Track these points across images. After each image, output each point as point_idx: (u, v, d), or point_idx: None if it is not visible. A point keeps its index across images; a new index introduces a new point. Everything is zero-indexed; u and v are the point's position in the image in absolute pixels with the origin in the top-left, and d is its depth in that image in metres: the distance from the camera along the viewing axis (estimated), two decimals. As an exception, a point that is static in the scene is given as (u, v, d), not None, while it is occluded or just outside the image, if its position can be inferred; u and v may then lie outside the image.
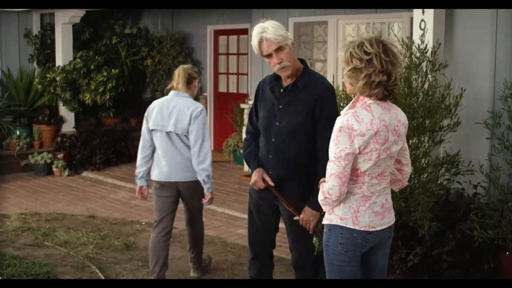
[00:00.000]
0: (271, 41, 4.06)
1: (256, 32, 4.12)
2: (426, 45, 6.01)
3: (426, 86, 5.86)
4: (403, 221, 5.65)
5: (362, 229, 3.47)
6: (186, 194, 5.54)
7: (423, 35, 6.18)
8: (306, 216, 4.18)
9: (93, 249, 6.63)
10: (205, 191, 5.38)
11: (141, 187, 5.76)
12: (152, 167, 5.63)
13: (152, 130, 5.46)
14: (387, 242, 3.66)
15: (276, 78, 4.33)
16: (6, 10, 11.49)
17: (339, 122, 3.35)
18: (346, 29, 9.49)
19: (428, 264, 5.44)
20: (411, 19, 7.03)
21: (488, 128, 5.69)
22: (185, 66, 5.64)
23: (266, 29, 4.08)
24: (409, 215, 5.58)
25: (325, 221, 3.59)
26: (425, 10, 6.29)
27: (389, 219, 3.60)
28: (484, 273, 5.34)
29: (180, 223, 7.65)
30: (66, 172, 10.79)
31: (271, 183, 4.26)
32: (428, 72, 5.93)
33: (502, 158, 5.57)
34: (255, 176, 4.34)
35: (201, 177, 5.31)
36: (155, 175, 5.55)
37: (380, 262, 3.69)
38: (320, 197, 3.52)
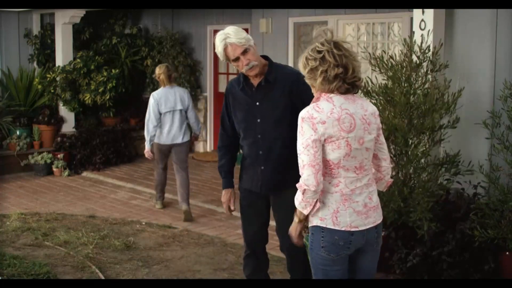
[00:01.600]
0: (236, 45, 4.22)
1: (219, 39, 4.26)
2: (429, 46, 6.01)
3: (426, 85, 5.86)
4: (402, 221, 5.66)
5: (343, 229, 3.41)
6: (177, 150, 8.07)
7: (423, 35, 6.18)
8: None
9: (93, 249, 6.62)
10: (197, 134, 8.42)
11: (150, 150, 8.03)
12: (159, 135, 7.98)
13: (163, 112, 7.94)
14: (375, 244, 3.59)
15: (244, 78, 4.45)
16: (6, 10, 11.49)
17: (301, 114, 3.41)
18: (346, 29, 9.49)
19: (428, 264, 5.44)
20: (411, 19, 7.03)
21: (488, 128, 5.69)
22: (162, 68, 8.25)
23: (228, 35, 4.24)
24: (408, 215, 5.58)
25: (309, 224, 3.55)
26: (425, 10, 6.29)
27: (374, 219, 3.52)
28: (484, 273, 5.34)
29: (180, 223, 7.66)
30: (66, 172, 10.79)
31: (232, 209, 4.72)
32: (428, 72, 5.93)
33: (502, 158, 5.57)
34: (224, 197, 4.74)
35: (197, 131, 8.35)
36: (163, 140, 7.99)
37: (367, 265, 3.63)
38: (299, 198, 3.43)
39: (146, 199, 9.04)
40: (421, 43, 6.03)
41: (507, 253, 5.29)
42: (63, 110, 11.59)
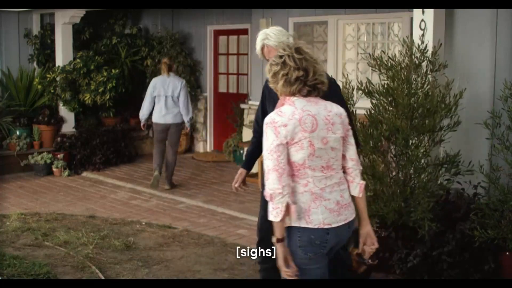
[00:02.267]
0: (271, 48, 4.45)
1: (260, 38, 4.54)
2: (426, 45, 6.01)
3: (426, 86, 5.86)
4: (403, 221, 5.65)
5: (316, 227, 3.49)
6: (172, 131, 9.42)
7: (423, 35, 6.18)
8: None
9: (93, 249, 6.62)
10: (186, 125, 9.52)
11: (144, 124, 9.73)
12: (153, 115, 9.42)
13: (156, 95, 9.37)
14: (346, 239, 3.71)
15: None
16: (6, 10, 11.48)
17: (265, 120, 3.53)
18: (346, 29, 9.49)
19: (428, 265, 5.44)
20: (411, 19, 7.02)
21: (488, 128, 5.68)
22: (164, 59, 9.77)
23: (268, 36, 4.49)
24: (409, 215, 5.57)
25: (284, 226, 3.57)
26: (425, 10, 6.29)
27: (346, 216, 3.60)
28: (484, 273, 5.33)
29: (180, 223, 7.67)
30: (66, 172, 10.79)
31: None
32: (428, 72, 5.92)
33: (502, 158, 5.56)
34: (237, 175, 5.03)
35: (186, 120, 9.41)
36: (156, 119, 9.41)
37: (341, 254, 3.79)
38: (270, 207, 3.47)
39: (146, 199, 9.04)
40: (421, 43, 6.02)
41: (507, 253, 5.29)
42: (63, 110, 11.59)
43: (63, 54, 11.44)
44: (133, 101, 12.53)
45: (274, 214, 3.46)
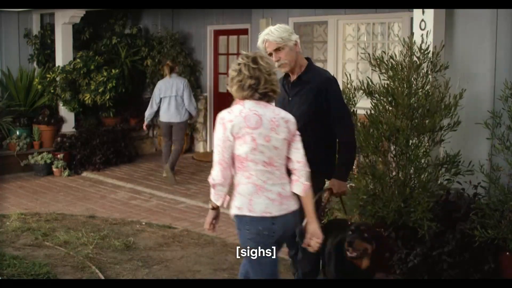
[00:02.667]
0: (271, 42, 4.68)
1: (263, 33, 4.76)
2: (429, 46, 6.00)
3: (426, 87, 5.85)
4: (403, 221, 5.65)
5: (259, 215, 3.83)
6: (175, 128, 9.99)
7: (423, 35, 6.18)
8: (335, 187, 4.70)
9: (93, 249, 6.62)
10: (194, 116, 10.31)
11: (147, 124, 10.35)
12: (160, 114, 10.03)
13: (162, 97, 9.94)
14: (294, 228, 4.05)
15: (286, 75, 4.89)
16: (6, 10, 11.48)
17: (217, 117, 3.95)
18: (346, 29, 9.49)
19: (428, 265, 5.44)
20: (411, 19, 7.03)
21: (488, 128, 5.69)
22: (165, 62, 10.52)
23: (270, 32, 4.70)
24: (409, 215, 5.58)
25: (231, 214, 3.97)
26: (425, 10, 6.29)
27: (288, 206, 3.93)
28: (484, 273, 5.34)
29: (181, 223, 7.66)
30: (66, 172, 10.78)
31: None
32: (428, 73, 5.92)
33: (502, 158, 5.57)
34: None
35: (193, 112, 10.13)
36: (162, 118, 10.02)
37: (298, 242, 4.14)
38: (212, 191, 3.97)
39: (146, 199, 9.04)
40: (421, 43, 6.03)
41: (507, 253, 5.29)
42: (63, 110, 11.58)
43: (63, 54, 11.43)
44: (133, 101, 12.55)
45: (215, 198, 4.00)
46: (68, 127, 11.62)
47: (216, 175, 3.92)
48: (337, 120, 4.66)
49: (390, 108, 5.86)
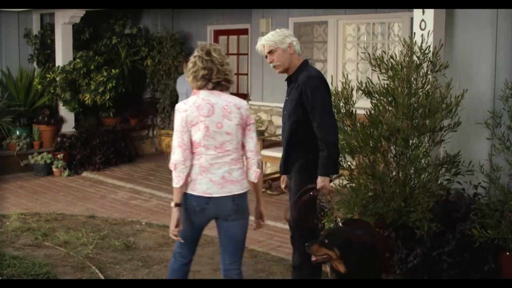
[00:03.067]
0: (264, 46, 5.00)
1: (260, 38, 5.08)
2: (429, 46, 6.00)
3: (426, 87, 5.85)
4: (403, 221, 5.65)
5: (199, 194, 4.21)
6: None
7: (423, 35, 6.17)
8: (318, 183, 4.78)
9: (93, 249, 6.62)
10: None
11: None
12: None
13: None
14: (234, 214, 4.29)
15: (289, 76, 5.14)
16: (6, 10, 11.48)
17: (175, 107, 4.33)
18: (346, 29, 9.49)
19: (428, 265, 5.44)
20: (411, 19, 7.03)
21: (488, 128, 5.68)
22: (186, 60, 9.55)
23: (266, 36, 5.02)
24: (409, 215, 5.57)
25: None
26: (426, 10, 6.29)
27: (230, 189, 4.24)
28: (484, 274, 5.33)
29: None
30: (66, 172, 10.79)
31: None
32: (428, 72, 5.92)
33: (503, 158, 5.56)
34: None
35: None
36: None
37: (230, 232, 4.36)
38: (173, 175, 4.22)
39: (146, 199, 9.04)
40: (421, 43, 6.02)
41: (507, 253, 5.28)
42: (63, 110, 11.59)
43: (63, 54, 11.44)
44: (133, 101, 12.55)
45: (176, 181, 4.21)
46: (68, 127, 11.63)
47: (177, 156, 4.21)
48: (313, 117, 4.80)
49: (390, 108, 5.86)
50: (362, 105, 6.41)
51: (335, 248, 4.20)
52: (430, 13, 6.27)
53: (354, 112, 6.14)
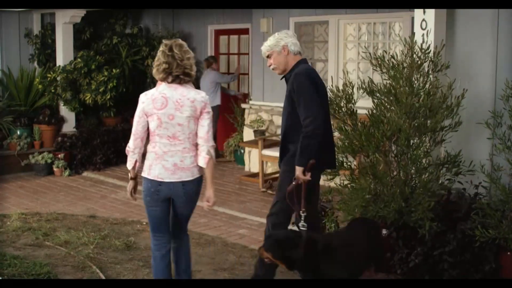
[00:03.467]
0: (263, 52, 5.31)
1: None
2: (429, 45, 6.00)
3: (427, 86, 5.85)
4: (404, 221, 5.65)
5: (152, 178, 4.71)
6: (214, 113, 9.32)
7: (424, 34, 6.17)
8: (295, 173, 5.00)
9: (94, 249, 6.62)
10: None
11: None
12: None
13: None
14: (183, 197, 4.75)
15: None
16: (7, 10, 11.48)
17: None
18: (347, 29, 9.48)
19: (429, 264, 5.44)
20: (412, 19, 7.03)
21: (489, 128, 5.68)
22: (206, 58, 11.27)
23: (265, 42, 5.31)
24: (410, 215, 5.57)
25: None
26: (426, 10, 6.29)
27: (180, 176, 4.70)
28: (485, 273, 5.33)
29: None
30: (67, 172, 10.79)
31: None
32: (430, 72, 5.92)
33: (504, 158, 5.56)
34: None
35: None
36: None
37: (179, 210, 4.85)
38: (127, 159, 4.81)
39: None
40: (422, 43, 6.01)
41: (508, 253, 5.28)
42: (64, 110, 11.59)
43: (63, 54, 11.44)
44: (134, 101, 12.48)
45: (128, 164, 4.81)
46: (69, 127, 11.63)
47: (130, 143, 4.79)
48: (298, 111, 4.99)
49: (392, 108, 5.85)
50: (363, 104, 6.41)
51: (269, 250, 4.57)
52: (431, 12, 6.27)
53: (355, 111, 6.14)
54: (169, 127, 4.67)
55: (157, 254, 4.89)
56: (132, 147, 4.78)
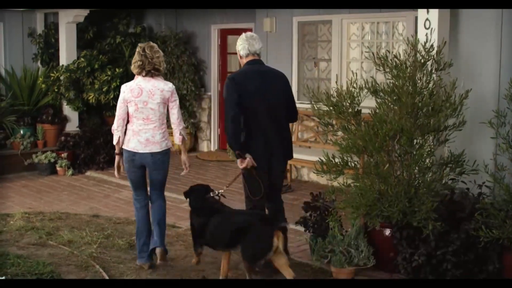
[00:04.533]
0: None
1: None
2: (432, 44, 5.99)
3: (430, 85, 5.84)
4: (407, 221, 5.64)
5: (129, 149, 6.05)
6: None
7: (428, 34, 6.16)
8: None
9: (97, 249, 6.62)
10: None
11: None
12: None
13: None
14: (152, 165, 6.06)
15: None
16: (10, 9, 11.48)
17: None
18: (351, 28, 9.47)
19: (433, 264, 5.43)
20: (416, 18, 7.02)
21: (493, 127, 5.67)
22: None
23: None
24: (413, 215, 5.56)
25: None
26: (430, 9, 6.27)
27: (150, 148, 6.00)
28: (488, 273, 5.32)
29: (184, 222, 7.65)
30: (70, 172, 10.79)
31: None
32: (433, 71, 5.91)
33: (507, 157, 5.55)
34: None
35: None
36: None
37: (152, 175, 6.15)
38: (114, 134, 6.16)
39: (150, 198, 9.03)
40: (426, 42, 6.01)
41: (512, 253, 5.27)
42: (67, 109, 11.59)
43: (67, 53, 11.45)
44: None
45: (114, 140, 6.17)
46: (72, 126, 11.63)
47: (114, 124, 6.14)
48: None
49: (395, 107, 5.84)
50: (366, 104, 6.40)
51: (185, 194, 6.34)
52: (434, 12, 6.26)
53: (359, 111, 6.12)
54: (144, 111, 5.98)
55: (137, 205, 6.25)
56: (115, 126, 6.12)
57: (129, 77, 11.80)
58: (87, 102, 11.36)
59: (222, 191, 6.14)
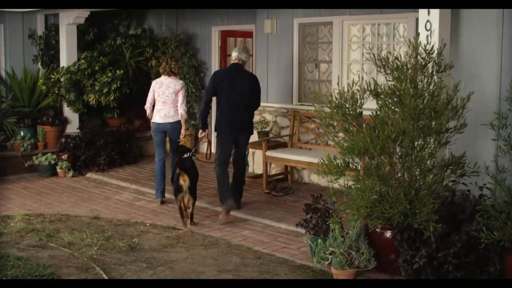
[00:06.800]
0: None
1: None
2: (433, 46, 5.98)
3: (431, 87, 5.84)
4: (408, 223, 5.64)
5: (155, 121, 8.73)
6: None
7: (429, 35, 6.16)
8: None
9: (98, 251, 6.62)
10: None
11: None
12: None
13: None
14: (171, 130, 8.75)
15: None
16: (11, 10, 11.48)
17: None
18: (351, 30, 9.46)
19: (434, 266, 5.42)
20: (417, 20, 7.01)
21: (494, 129, 5.66)
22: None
23: None
24: (414, 216, 5.56)
25: None
26: (431, 10, 6.27)
27: (167, 120, 8.69)
28: (489, 275, 5.32)
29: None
30: (70, 173, 10.78)
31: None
32: (434, 73, 5.90)
33: (508, 159, 5.55)
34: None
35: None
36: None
37: (171, 137, 8.82)
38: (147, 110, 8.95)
39: (150, 200, 9.03)
40: (426, 44, 6.00)
41: (513, 254, 5.27)
42: (67, 111, 11.59)
43: (67, 55, 11.44)
44: (138, 102, 12.51)
45: (147, 114, 8.90)
46: (73, 128, 11.63)
47: (146, 104, 8.85)
48: None
49: (397, 109, 5.84)
50: (367, 106, 6.39)
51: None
52: (435, 13, 6.25)
53: (361, 113, 6.12)
54: (163, 97, 8.70)
55: (157, 158, 8.86)
56: (147, 106, 8.83)
57: (130, 79, 11.89)
58: (88, 103, 11.35)
59: (192, 152, 8.40)
